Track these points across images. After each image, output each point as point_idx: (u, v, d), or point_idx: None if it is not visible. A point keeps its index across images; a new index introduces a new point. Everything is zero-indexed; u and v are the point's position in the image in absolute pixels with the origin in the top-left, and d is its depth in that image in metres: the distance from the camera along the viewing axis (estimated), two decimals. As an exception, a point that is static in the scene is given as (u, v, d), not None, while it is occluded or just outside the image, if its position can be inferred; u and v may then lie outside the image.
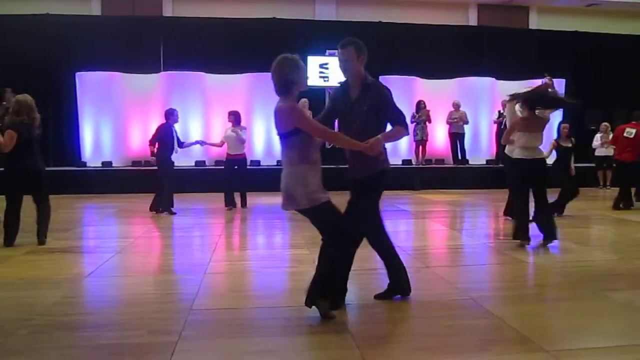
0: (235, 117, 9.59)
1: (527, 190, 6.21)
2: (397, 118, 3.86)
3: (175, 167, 9.32)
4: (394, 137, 3.95)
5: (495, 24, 15.84)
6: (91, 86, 13.71)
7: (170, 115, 8.97)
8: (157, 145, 8.98)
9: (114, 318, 3.76)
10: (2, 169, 6.21)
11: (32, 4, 13.82)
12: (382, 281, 4.60)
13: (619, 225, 7.99)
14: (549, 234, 6.12)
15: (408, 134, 3.98)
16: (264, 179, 13.06)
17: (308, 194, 3.48)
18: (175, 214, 8.83)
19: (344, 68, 3.88)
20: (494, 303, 4.02)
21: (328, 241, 3.64)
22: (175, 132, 9.05)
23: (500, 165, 9.79)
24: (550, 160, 7.43)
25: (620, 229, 7.78)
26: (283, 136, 3.53)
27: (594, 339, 3.35)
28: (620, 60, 15.50)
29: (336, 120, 4.11)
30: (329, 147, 4.60)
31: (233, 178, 9.71)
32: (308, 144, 3.53)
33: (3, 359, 3.05)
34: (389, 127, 3.94)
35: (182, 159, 11.19)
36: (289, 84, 3.50)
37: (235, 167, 9.69)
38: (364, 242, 4.07)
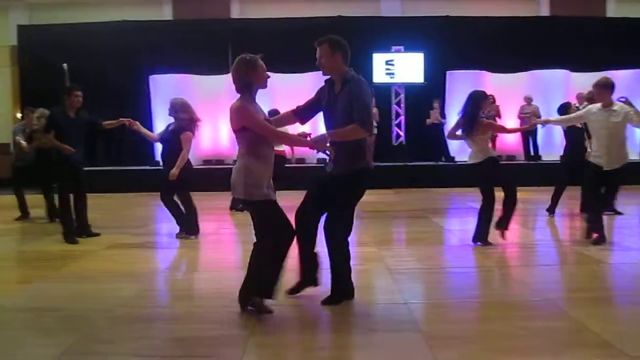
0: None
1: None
2: (357, 115, 3.70)
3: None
4: (344, 135, 3.74)
5: (569, 13, 15.08)
6: (163, 88, 14.21)
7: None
8: None
9: (189, 311, 3.89)
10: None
11: (109, 12, 14.51)
12: (449, 280, 4.53)
13: None
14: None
15: (367, 134, 3.77)
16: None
17: (246, 184, 3.59)
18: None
19: (320, 64, 3.91)
20: (572, 305, 3.85)
21: (258, 241, 3.74)
22: None
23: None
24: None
25: None
26: (235, 132, 3.68)
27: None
28: None
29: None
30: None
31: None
32: (257, 141, 3.64)
33: (87, 347, 3.22)
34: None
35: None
36: (246, 83, 3.69)
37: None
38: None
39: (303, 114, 4.11)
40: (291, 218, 3.84)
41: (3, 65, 15.03)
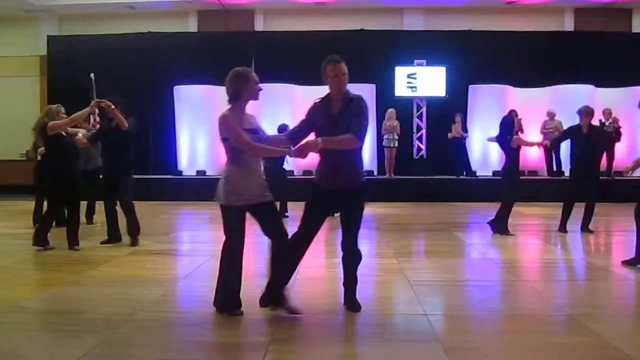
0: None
1: None
2: (357, 129, 3.79)
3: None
4: (339, 143, 3.79)
5: (594, 28, 14.96)
6: (187, 99, 14.44)
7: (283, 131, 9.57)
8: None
9: (209, 317, 3.93)
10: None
11: (137, 23, 14.86)
12: (469, 293, 4.50)
13: None
14: None
15: (357, 145, 3.84)
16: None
17: (226, 192, 3.78)
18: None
19: (342, 82, 3.88)
20: (594, 320, 3.79)
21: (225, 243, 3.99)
22: None
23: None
24: None
25: None
26: (221, 140, 3.87)
27: None
28: None
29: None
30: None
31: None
32: (238, 150, 3.79)
33: (109, 350, 3.27)
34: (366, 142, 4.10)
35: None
36: (236, 94, 3.87)
37: None
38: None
39: (297, 136, 4.09)
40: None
41: (33, 74, 15.46)
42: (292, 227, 8.47)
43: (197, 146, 14.49)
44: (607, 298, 4.62)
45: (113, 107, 6.42)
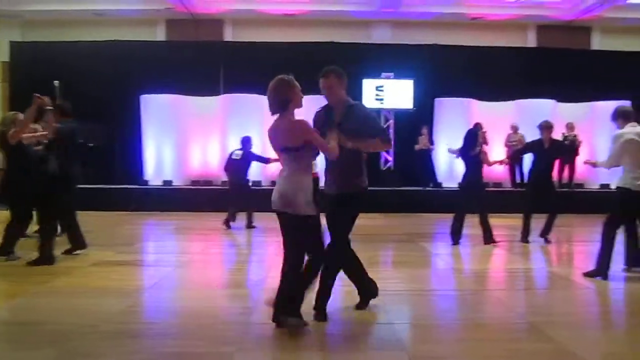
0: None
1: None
2: (375, 132, 4.03)
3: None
4: (370, 146, 4.06)
5: (556, 44, 15.46)
6: (154, 108, 14.27)
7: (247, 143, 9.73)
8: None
9: (175, 328, 3.89)
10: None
11: (103, 31, 14.62)
12: (435, 302, 4.56)
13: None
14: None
15: (389, 147, 4.01)
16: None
17: (308, 202, 3.68)
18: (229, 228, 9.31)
19: (328, 95, 4.09)
20: (555, 328, 3.89)
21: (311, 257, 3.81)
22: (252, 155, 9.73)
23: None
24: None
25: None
26: (291, 149, 3.73)
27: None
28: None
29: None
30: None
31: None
32: (310, 158, 3.80)
33: (72, 362, 3.21)
34: None
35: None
36: (285, 102, 3.77)
37: None
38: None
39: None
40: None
41: (-6, 81, 15.07)
42: (260, 237, 8.51)
43: (163, 156, 14.32)
44: (567, 306, 4.74)
45: (48, 107, 6.30)
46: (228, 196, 9.92)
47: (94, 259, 6.35)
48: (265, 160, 9.73)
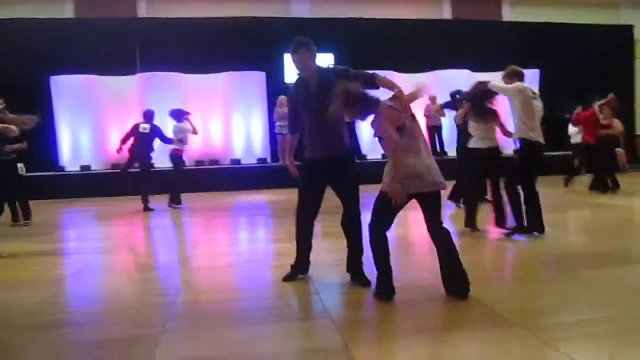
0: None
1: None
2: (368, 78, 4.14)
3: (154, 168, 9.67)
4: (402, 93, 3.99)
5: (469, 16, 16.02)
6: (67, 90, 13.58)
7: (153, 117, 9.61)
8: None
9: (98, 315, 3.79)
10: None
11: (4, 8, 13.65)
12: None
13: (594, 210, 8.21)
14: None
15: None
16: (245, 177, 13.16)
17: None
18: (153, 210, 9.30)
19: (302, 69, 4.24)
20: (472, 286, 4.11)
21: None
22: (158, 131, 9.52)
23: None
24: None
25: (595, 213, 7.99)
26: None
27: (566, 314, 3.46)
28: (592, 49, 15.83)
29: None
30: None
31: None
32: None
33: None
34: None
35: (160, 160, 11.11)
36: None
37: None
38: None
39: (297, 125, 4.42)
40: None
41: None
42: (186, 218, 8.38)
43: (80, 140, 13.70)
44: (483, 265, 5.02)
45: None
46: (137, 177, 9.71)
47: (9, 250, 6.05)
48: (169, 141, 9.55)
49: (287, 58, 13.57)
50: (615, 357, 2.83)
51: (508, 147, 8.54)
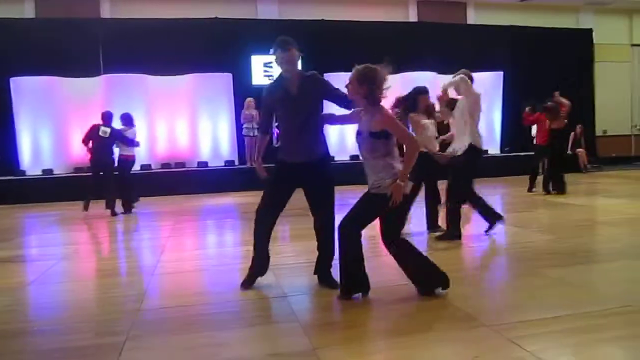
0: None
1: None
2: (344, 99, 4.16)
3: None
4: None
5: (435, 19, 16.25)
6: (27, 91, 13.21)
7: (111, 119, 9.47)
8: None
9: (59, 323, 3.68)
10: None
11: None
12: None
13: (556, 209, 8.41)
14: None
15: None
16: (212, 180, 13.03)
17: (389, 184, 3.90)
18: (117, 214, 9.16)
19: (291, 67, 4.16)
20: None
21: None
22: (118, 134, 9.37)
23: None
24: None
25: (557, 212, 8.18)
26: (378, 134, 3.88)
27: (531, 312, 3.52)
28: (553, 52, 16.24)
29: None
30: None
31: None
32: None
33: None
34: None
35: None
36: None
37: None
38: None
39: (268, 125, 4.46)
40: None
41: None
42: (150, 222, 8.23)
43: (41, 143, 13.35)
44: (449, 264, 5.05)
45: None
46: (92, 181, 9.55)
47: (-36, 258, 5.84)
48: (136, 143, 9.42)
49: (254, 60, 13.63)
50: (580, 354, 2.89)
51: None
